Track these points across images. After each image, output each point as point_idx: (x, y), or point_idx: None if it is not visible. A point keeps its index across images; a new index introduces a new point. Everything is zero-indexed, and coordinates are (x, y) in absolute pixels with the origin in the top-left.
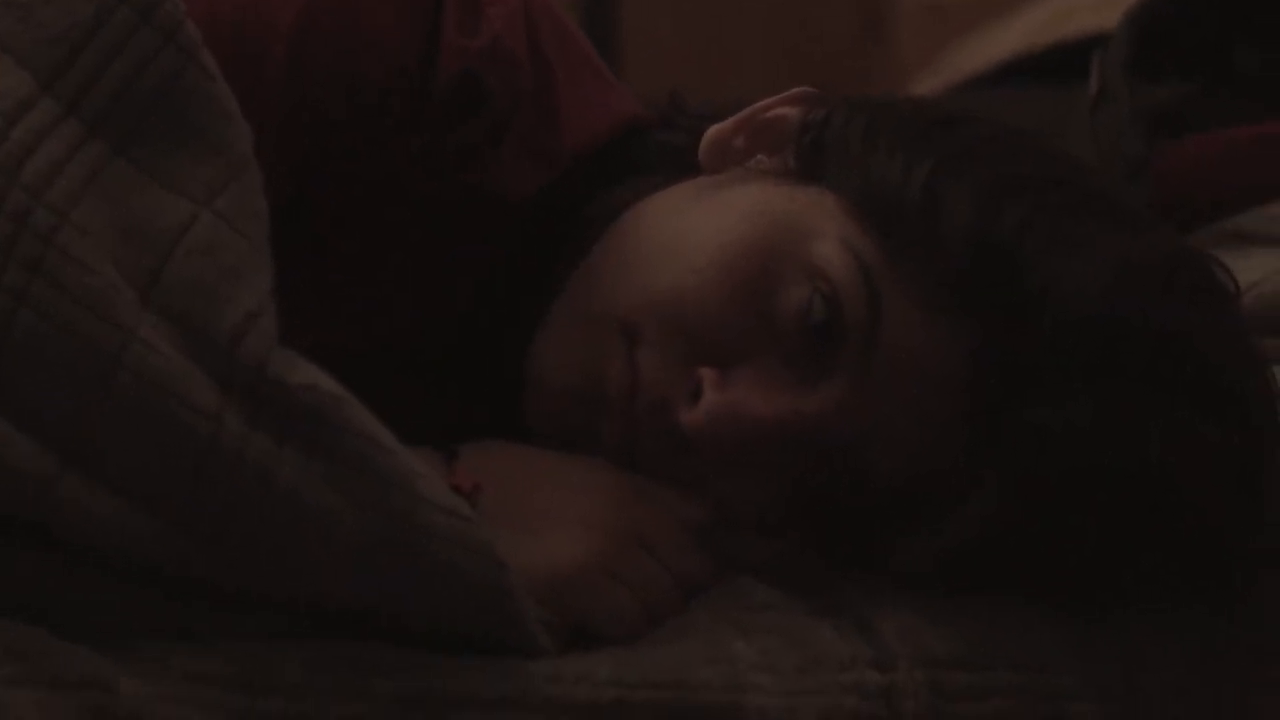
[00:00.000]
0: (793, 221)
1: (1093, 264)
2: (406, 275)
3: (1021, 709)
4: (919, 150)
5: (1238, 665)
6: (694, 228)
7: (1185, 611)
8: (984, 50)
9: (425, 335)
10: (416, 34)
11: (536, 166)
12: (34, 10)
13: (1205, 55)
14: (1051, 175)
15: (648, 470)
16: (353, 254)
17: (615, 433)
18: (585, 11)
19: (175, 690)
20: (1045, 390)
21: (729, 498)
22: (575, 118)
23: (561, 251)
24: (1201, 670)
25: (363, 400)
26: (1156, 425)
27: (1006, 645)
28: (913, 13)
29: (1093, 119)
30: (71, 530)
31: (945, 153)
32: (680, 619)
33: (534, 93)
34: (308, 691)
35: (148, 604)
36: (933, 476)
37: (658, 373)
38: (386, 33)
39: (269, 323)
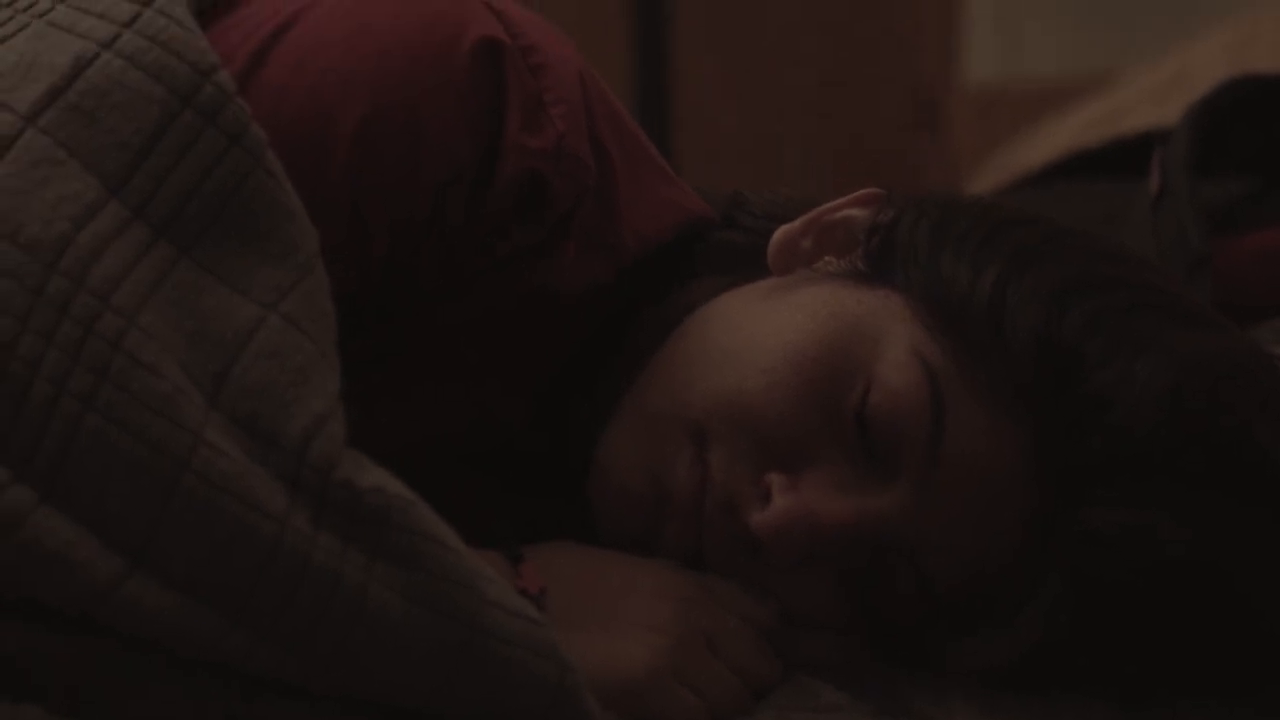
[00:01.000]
0: (861, 324)
1: (1157, 365)
2: (471, 374)
3: None
4: (986, 253)
5: None
6: (763, 329)
7: (1243, 709)
8: (1038, 147)
9: (491, 435)
10: (478, 134)
11: (600, 262)
12: (100, 115)
13: (1265, 153)
14: (1116, 276)
15: (712, 570)
16: (417, 354)
17: (682, 533)
18: (639, 103)
19: None
20: (1108, 493)
21: (794, 599)
22: (638, 214)
23: (627, 350)
24: None
25: (430, 503)
26: (1217, 529)
27: None
28: (965, 104)
29: (1154, 215)
30: (131, 627)
31: (1012, 255)
32: None
33: (597, 189)
34: None
35: (200, 697)
36: (996, 578)
37: (726, 474)
38: (448, 133)
39: (337, 425)
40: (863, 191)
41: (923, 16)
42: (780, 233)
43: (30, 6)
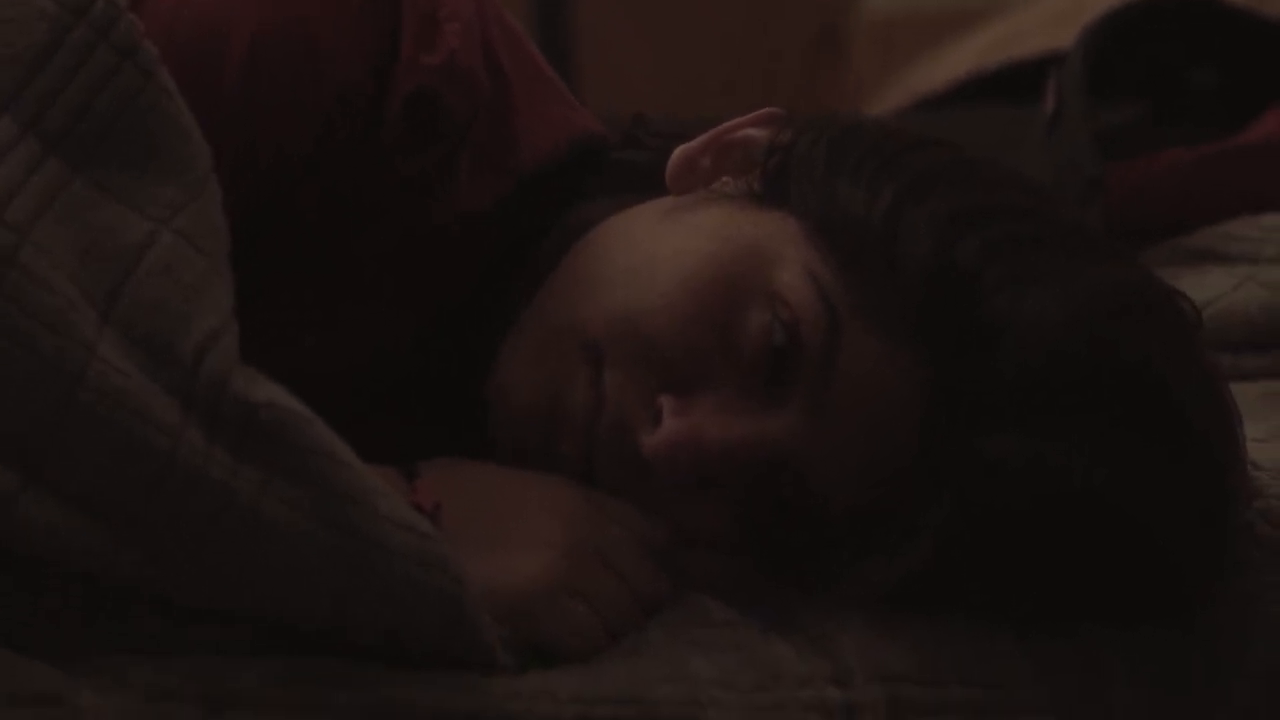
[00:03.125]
0: (756, 247)
1: (1050, 295)
2: (366, 295)
3: None
4: (883, 177)
5: (1195, 684)
6: (659, 250)
7: (1143, 630)
8: (938, 70)
9: (386, 355)
10: (372, 52)
11: (494, 182)
12: None
13: (1158, 76)
14: (1011, 204)
15: (606, 489)
16: (312, 275)
17: (575, 452)
18: (539, 25)
19: (135, 705)
20: (1000, 420)
21: (686, 519)
22: (533, 133)
23: (523, 269)
24: (1159, 688)
25: (324, 419)
26: (1108, 456)
27: (964, 661)
28: (866, 30)
29: (1049, 139)
30: (25, 543)
31: (906, 181)
32: (639, 637)
33: (490, 108)
34: (266, 705)
35: (100, 617)
36: (887, 501)
37: (620, 395)
38: (340, 51)
39: (231, 340)
40: (762, 111)
41: None
42: (679, 152)
43: None
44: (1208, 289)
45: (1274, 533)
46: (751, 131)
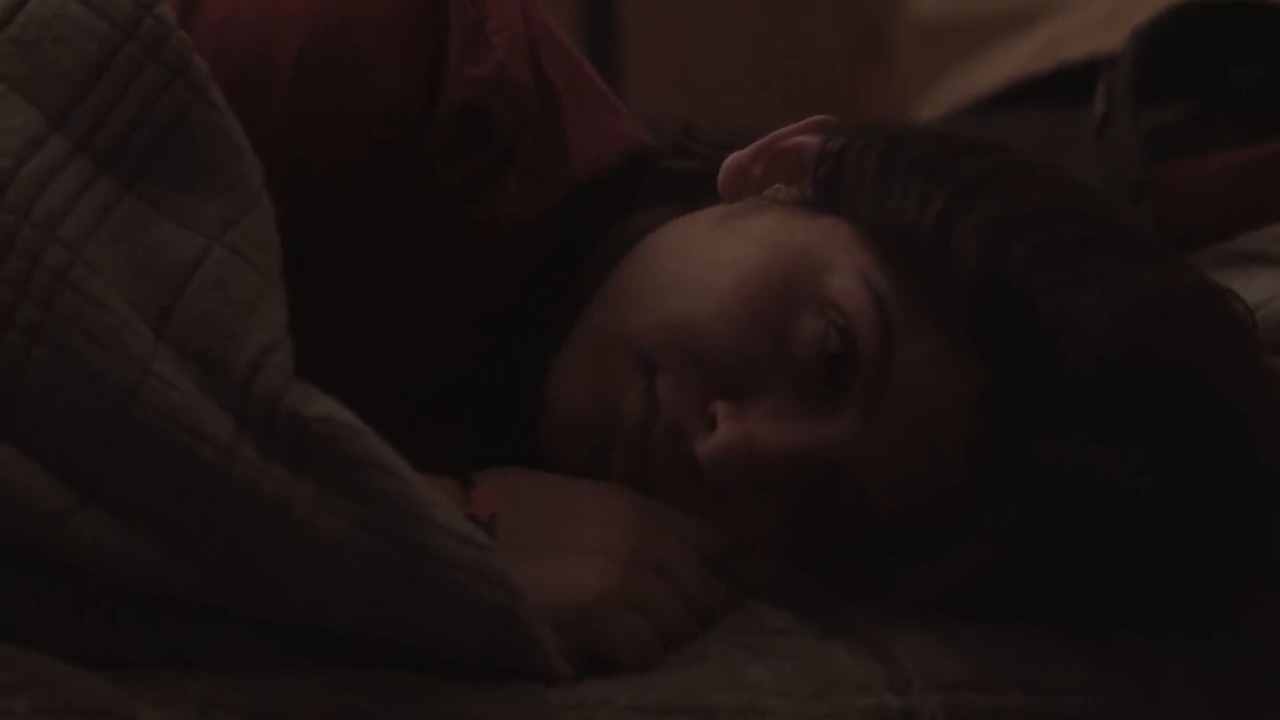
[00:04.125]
0: (809, 253)
1: (1101, 299)
2: (419, 307)
3: None
4: (933, 183)
5: (1249, 688)
6: (712, 258)
7: (1196, 634)
8: (985, 74)
9: (440, 367)
10: (419, 64)
11: (543, 193)
12: (41, 48)
13: (1202, 76)
14: (1062, 208)
15: (659, 497)
16: (365, 287)
17: (628, 460)
18: (584, 32)
19: (192, 718)
20: (1050, 426)
21: (740, 525)
22: (582, 144)
23: (574, 280)
24: (1214, 692)
25: (379, 432)
26: (1158, 462)
27: (1019, 666)
28: (909, 34)
29: (1098, 142)
30: (80, 558)
31: (958, 186)
32: (696, 645)
33: (540, 119)
34: (323, 719)
35: (154, 632)
36: (941, 506)
37: (674, 403)
38: (388, 64)
39: (284, 356)
40: (814, 119)
41: None
42: (730, 160)
43: None
44: (1257, 291)
45: None
46: (803, 139)
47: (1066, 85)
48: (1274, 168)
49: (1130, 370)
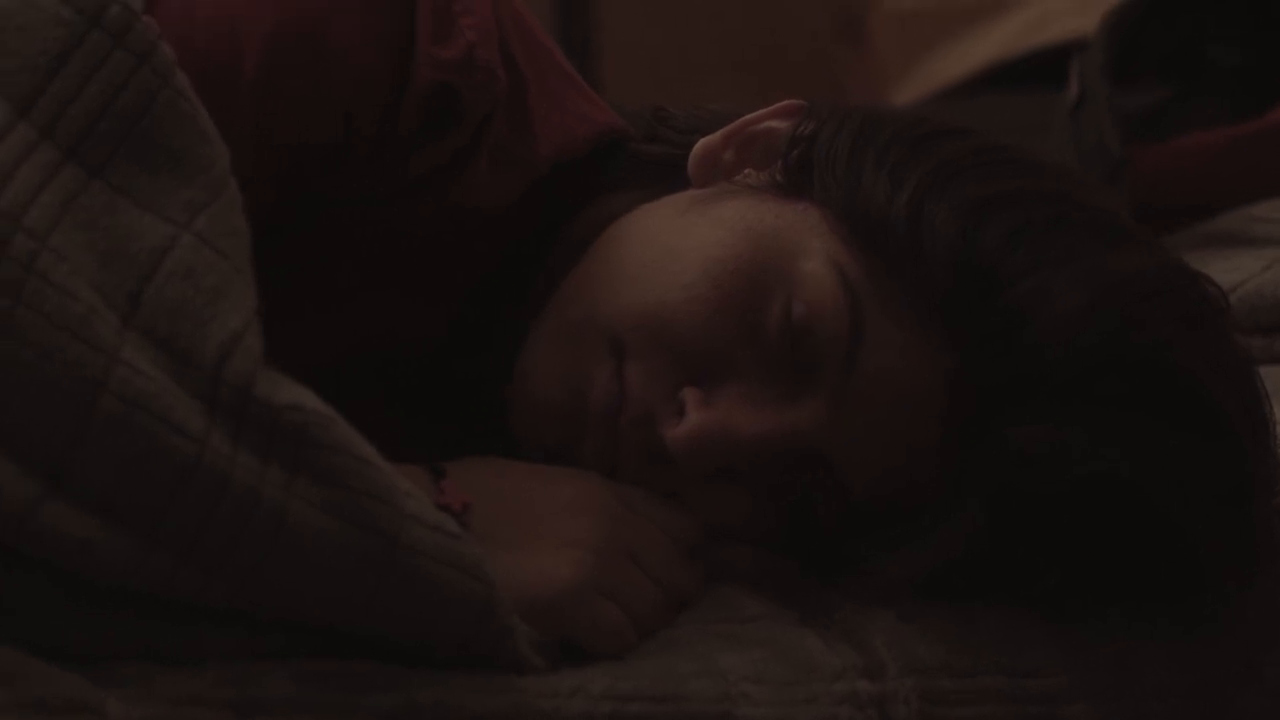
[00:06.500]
0: (779, 237)
1: (1074, 281)
2: (388, 292)
3: (1013, 713)
4: (904, 167)
5: (1226, 666)
6: (682, 243)
7: (1171, 615)
8: (962, 57)
9: (413, 349)
10: (387, 48)
11: (512, 177)
12: (5, 37)
13: (1180, 57)
14: (1034, 191)
15: (628, 482)
16: (334, 272)
17: (598, 446)
18: (558, 20)
19: (162, 712)
20: (1024, 409)
21: (713, 513)
22: (551, 127)
23: (544, 264)
24: (1191, 671)
25: (349, 420)
26: (1132, 443)
27: (994, 650)
28: (887, 18)
29: (1072, 123)
30: (49, 551)
31: (930, 170)
32: (670, 632)
33: (509, 103)
34: (295, 710)
35: (123, 624)
36: (914, 491)
37: (643, 388)
38: (356, 48)
39: (254, 342)
40: (784, 103)
41: None
42: (700, 145)
43: None
44: (1237, 271)
45: None
46: (773, 123)
47: (1043, 68)
48: (1251, 148)
49: (1101, 352)
